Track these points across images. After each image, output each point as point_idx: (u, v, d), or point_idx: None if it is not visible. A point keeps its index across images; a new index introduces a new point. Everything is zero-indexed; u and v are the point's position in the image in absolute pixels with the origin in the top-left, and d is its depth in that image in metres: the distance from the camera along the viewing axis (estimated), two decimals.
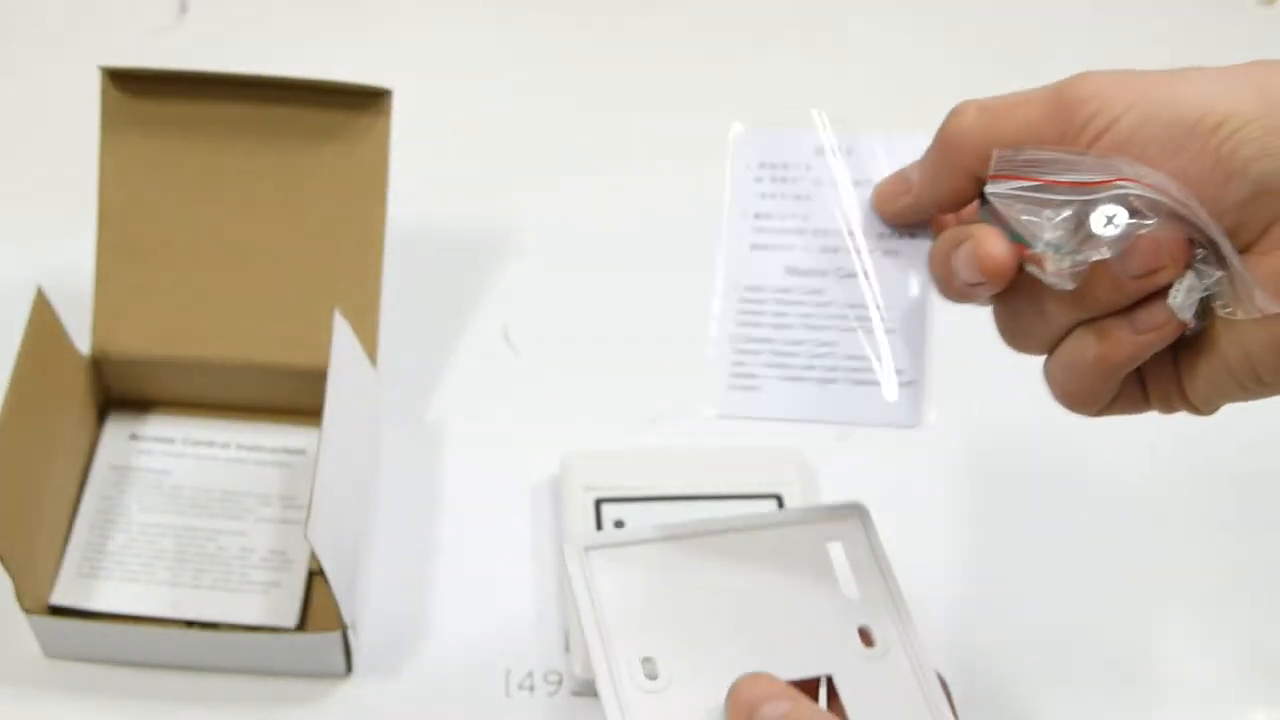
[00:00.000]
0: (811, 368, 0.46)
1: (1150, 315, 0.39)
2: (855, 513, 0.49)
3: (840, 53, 0.87)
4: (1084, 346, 0.41)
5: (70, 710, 0.60)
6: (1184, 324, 0.39)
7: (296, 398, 0.66)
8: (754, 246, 0.48)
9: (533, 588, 0.64)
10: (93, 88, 0.63)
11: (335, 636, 0.58)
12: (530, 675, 0.62)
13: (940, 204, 0.44)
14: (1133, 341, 0.40)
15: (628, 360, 0.72)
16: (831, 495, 0.67)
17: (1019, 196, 0.40)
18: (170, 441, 0.67)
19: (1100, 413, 0.43)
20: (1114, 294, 0.39)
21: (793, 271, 0.47)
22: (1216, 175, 0.36)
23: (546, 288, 0.75)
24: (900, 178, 0.45)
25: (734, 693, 0.44)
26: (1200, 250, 0.38)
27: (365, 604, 0.63)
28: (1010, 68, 0.87)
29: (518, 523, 0.67)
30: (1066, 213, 0.39)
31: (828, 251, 0.47)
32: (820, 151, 0.48)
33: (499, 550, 0.66)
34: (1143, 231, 0.37)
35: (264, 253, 0.65)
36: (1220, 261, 0.37)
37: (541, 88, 0.83)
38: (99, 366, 0.65)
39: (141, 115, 0.64)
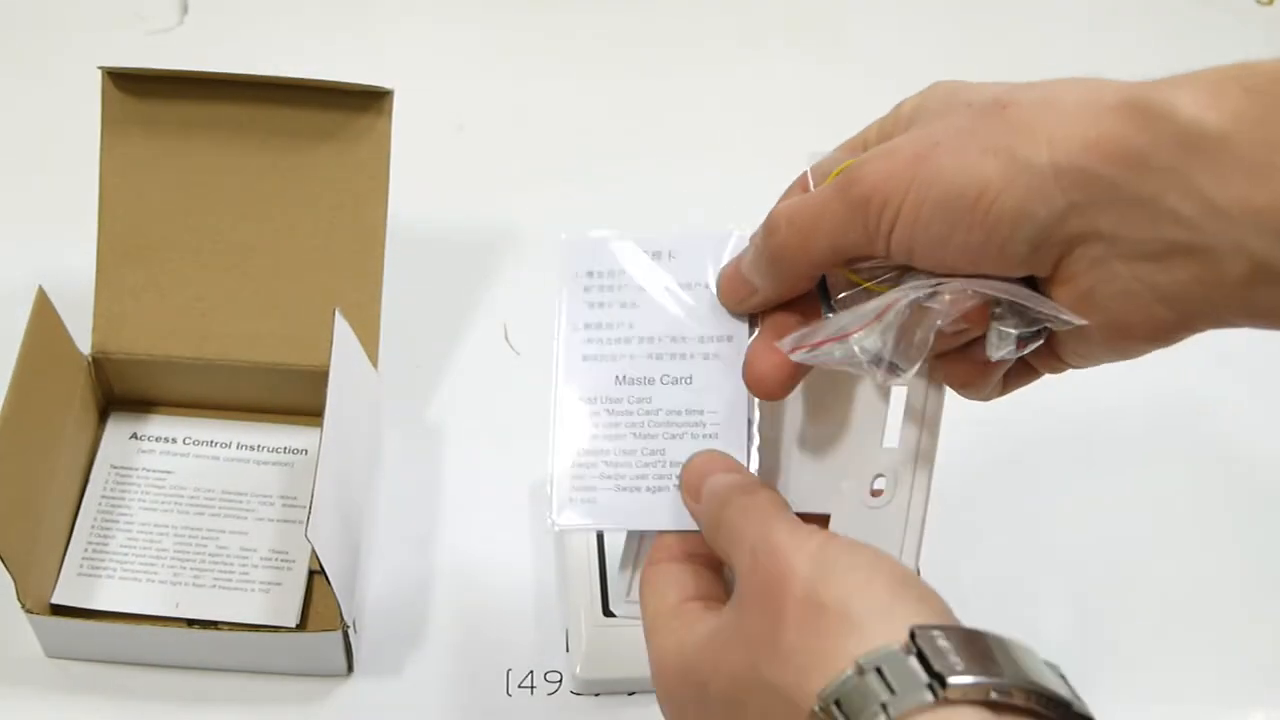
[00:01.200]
0: (643, 476, 0.47)
1: (983, 353, 0.43)
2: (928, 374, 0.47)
3: (838, 53, 0.87)
4: (952, 371, 0.46)
5: (71, 710, 0.60)
6: (1006, 360, 0.43)
7: (297, 398, 0.66)
8: (585, 357, 0.48)
9: (533, 587, 0.64)
10: (93, 88, 0.63)
11: (336, 636, 0.59)
12: (530, 675, 0.62)
13: (787, 298, 0.46)
14: (981, 370, 0.45)
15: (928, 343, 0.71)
16: None
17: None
18: (171, 441, 0.67)
19: (1000, 395, 0.47)
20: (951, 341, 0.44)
21: (621, 380, 0.48)
22: (993, 244, 0.40)
23: (546, 288, 0.75)
24: (742, 281, 0.47)
25: (688, 465, 0.46)
26: (997, 308, 0.42)
27: (365, 603, 0.63)
28: (1009, 68, 0.87)
29: (518, 522, 0.67)
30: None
31: (654, 359, 0.48)
32: (644, 256, 0.49)
33: (499, 550, 0.66)
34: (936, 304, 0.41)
35: (264, 253, 0.65)
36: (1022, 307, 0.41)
37: (541, 88, 0.83)
38: (100, 366, 0.65)
39: (142, 116, 0.64)
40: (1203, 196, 0.37)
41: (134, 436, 0.67)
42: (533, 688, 0.62)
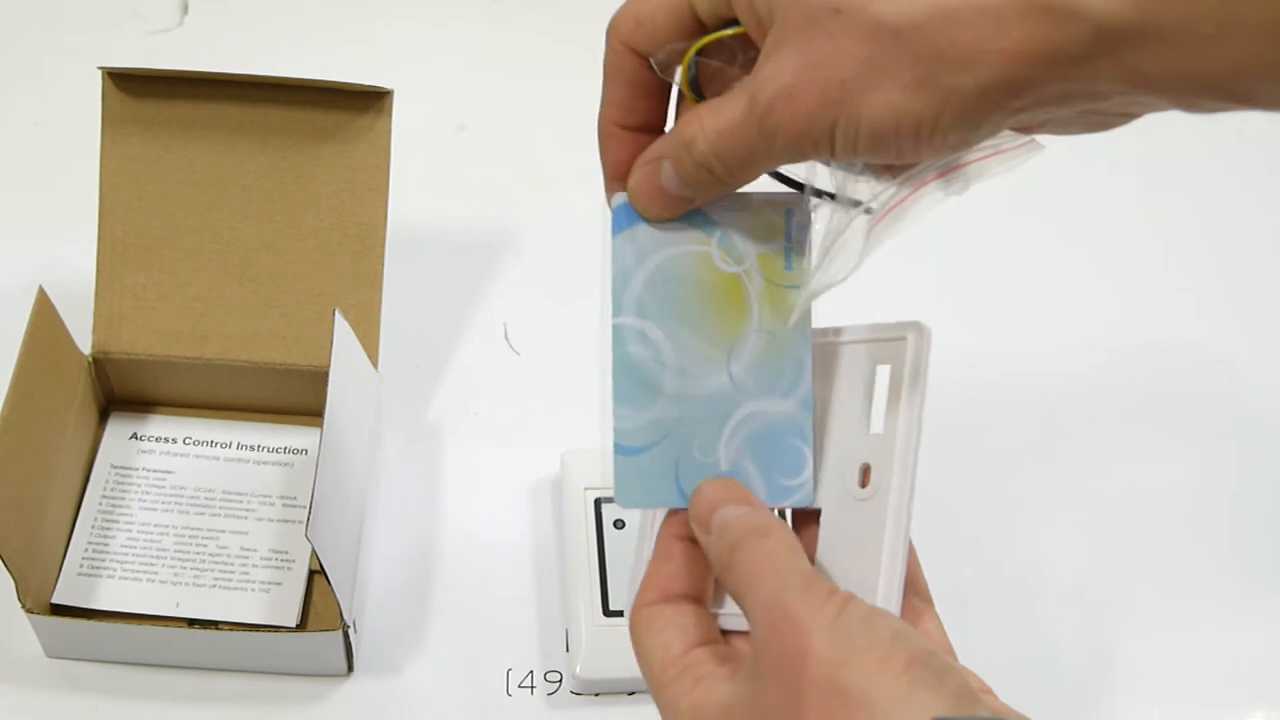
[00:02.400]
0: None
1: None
2: (912, 331, 0.45)
3: None
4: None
5: (72, 710, 0.60)
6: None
7: (297, 398, 0.66)
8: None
9: (533, 587, 0.64)
10: (94, 88, 0.63)
11: (336, 636, 0.59)
12: (530, 675, 0.62)
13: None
14: None
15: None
16: None
17: None
18: (171, 441, 0.67)
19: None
20: None
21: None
22: (938, 153, 0.43)
23: (546, 288, 0.75)
24: (672, 197, 0.47)
25: (697, 492, 0.45)
26: None
27: (365, 603, 0.63)
28: None
29: (518, 522, 0.67)
30: None
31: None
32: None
33: (499, 550, 0.66)
34: None
35: (264, 253, 0.65)
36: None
37: (541, 88, 0.83)
38: (100, 366, 0.65)
39: (142, 116, 0.64)
40: (1131, 74, 0.38)
41: (134, 436, 0.67)
42: (533, 688, 0.62)
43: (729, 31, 0.44)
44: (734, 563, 0.42)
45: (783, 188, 0.47)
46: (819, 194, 0.47)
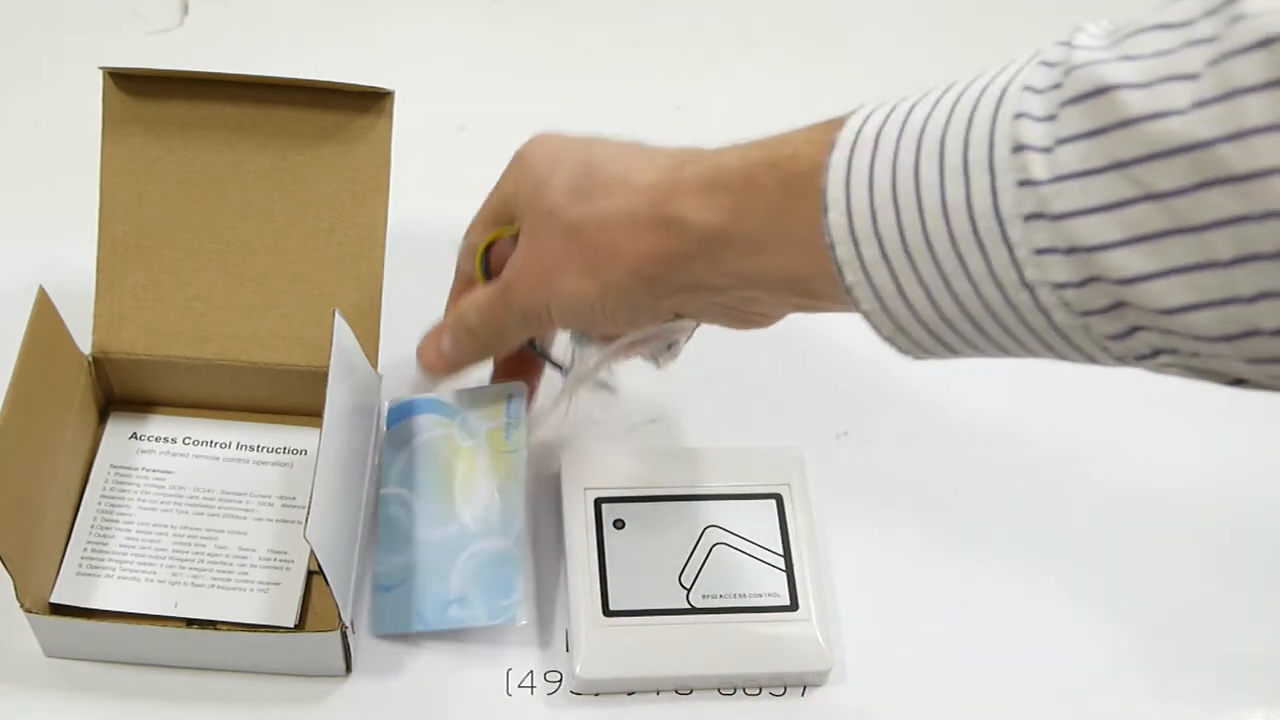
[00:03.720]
0: None
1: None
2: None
3: (837, 54, 0.87)
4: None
5: (70, 710, 0.60)
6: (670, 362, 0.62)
7: (296, 398, 0.66)
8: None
9: (533, 587, 0.64)
10: (94, 88, 0.63)
11: (334, 636, 0.59)
12: (530, 675, 0.62)
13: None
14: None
15: (627, 359, 0.72)
16: (831, 495, 0.67)
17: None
18: (171, 441, 0.67)
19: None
20: None
21: None
22: (620, 324, 0.57)
23: None
24: (447, 358, 0.63)
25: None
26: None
27: (364, 604, 0.63)
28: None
29: None
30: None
31: None
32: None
33: None
34: None
35: (264, 253, 0.65)
36: None
37: (541, 88, 0.84)
38: (100, 366, 0.65)
39: (143, 116, 0.64)
40: (730, 272, 0.50)
41: (134, 436, 0.67)
42: (533, 688, 0.62)
43: (507, 231, 0.60)
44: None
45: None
46: (553, 363, 0.64)
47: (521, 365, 0.65)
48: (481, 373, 0.69)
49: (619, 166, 0.54)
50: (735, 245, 0.49)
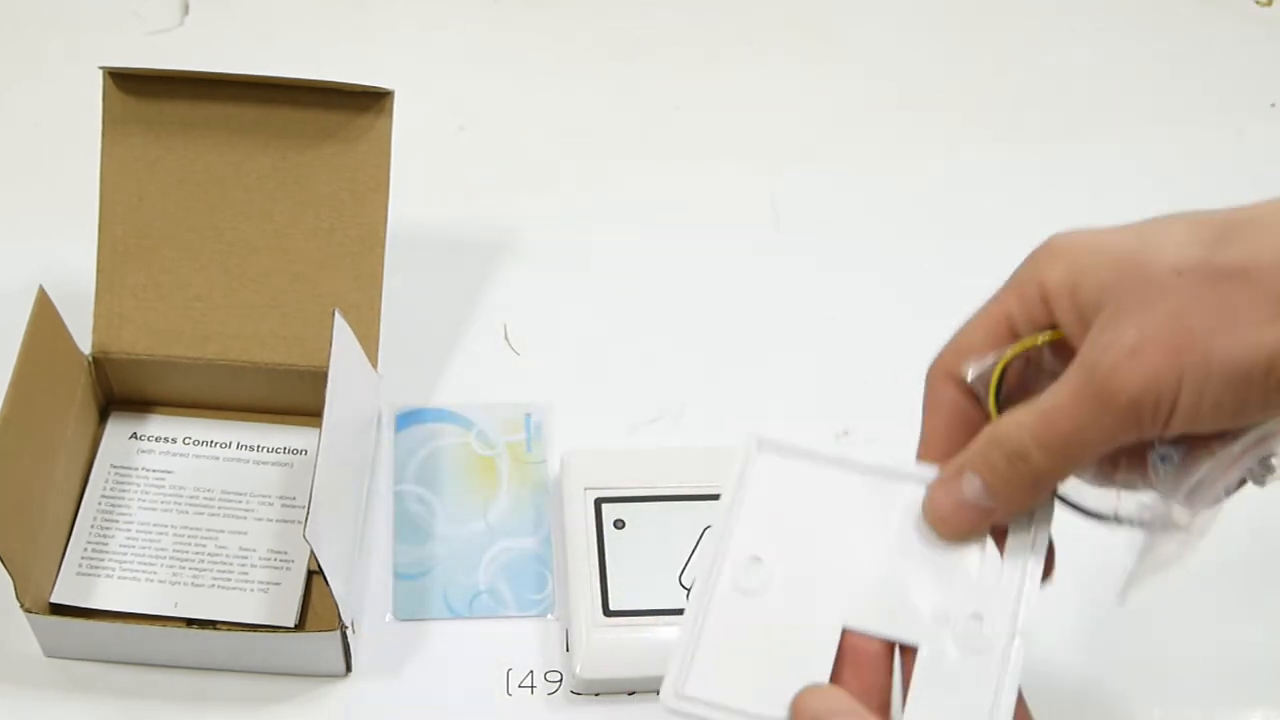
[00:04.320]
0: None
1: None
2: (1049, 502, 0.47)
3: (838, 54, 0.87)
4: None
5: (70, 710, 0.60)
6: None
7: (296, 398, 0.66)
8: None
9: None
10: (94, 88, 0.63)
11: (334, 636, 0.59)
12: (530, 675, 0.62)
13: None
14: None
15: (628, 360, 0.72)
16: None
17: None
18: (171, 441, 0.67)
19: None
20: None
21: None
22: None
23: (546, 288, 0.75)
24: (977, 511, 0.45)
25: (798, 701, 0.43)
26: None
27: (364, 603, 0.63)
28: (1009, 70, 0.87)
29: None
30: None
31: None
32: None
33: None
34: None
35: (264, 253, 0.65)
36: None
37: (541, 88, 0.83)
38: (100, 366, 0.65)
39: (143, 116, 0.64)
40: None
41: (134, 436, 0.67)
42: (533, 688, 0.62)
43: (1042, 338, 0.44)
44: None
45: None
46: (1092, 514, 0.47)
47: None
48: (494, 389, 0.69)
49: (1245, 215, 0.42)
50: None
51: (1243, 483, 0.44)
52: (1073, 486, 0.46)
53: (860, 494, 0.47)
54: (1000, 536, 0.46)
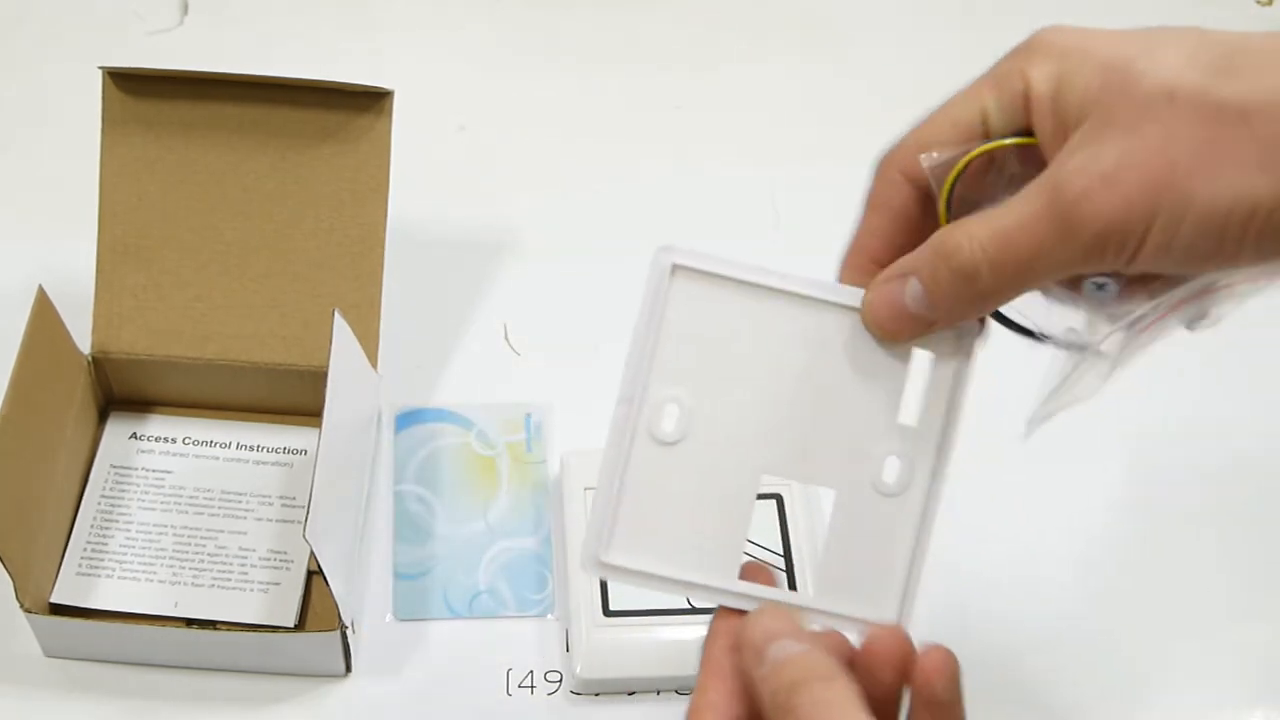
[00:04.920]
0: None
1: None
2: (969, 333, 0.44)
3: (840, 54, 0.87)
4: None
5: (70, 709, 0.60)
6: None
7: (296, 398, 0.66)
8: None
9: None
10: (94, 88, 0.63)
11: (334, 636, 0.59)
12: (530, 675, 0.62)
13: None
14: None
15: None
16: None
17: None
18: (171, 441, 0.67)
19: None
20: None
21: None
22: (1264, 251, 0.38)
23: (546, 288, 0.75)
24: (913, 318, 0.43)
25: (748, 622, 0.42)
26: None
27: (364, 603, 0.63)
28: None
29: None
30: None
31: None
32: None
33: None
34: None
35: (264, 253, 0.65)
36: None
37: (541, 88, 0.83)
38: (100, 366, 0.65)
39: (143, 116, 0.64)
40: None
41: (134, 436, 0.67)
42: (533, 688, 0.62)
43: (1011, 140, 0.41)
44: (794, 705, 0.39)
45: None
46: (1028, 333, 0.44)
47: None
48: (494, 389, 0.70)
49: (1254, 44, 0.39)
50: None
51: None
52: None
53: (781, 322, 0.44)
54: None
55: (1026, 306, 0.42)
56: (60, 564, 0.62)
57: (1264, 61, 0.38)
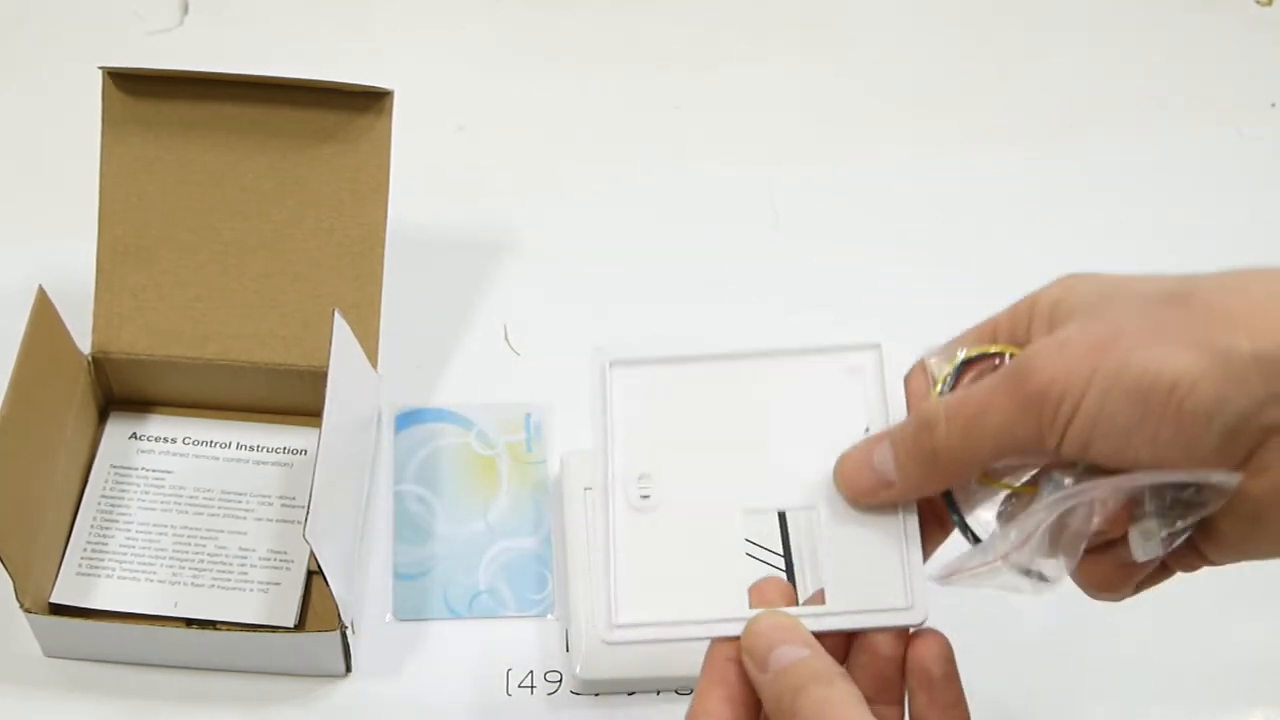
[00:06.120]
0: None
1: (1126, 553, 0.43)
2: (874, 350, 0.48)
3: (841, 55, 0.87)
4: (1089, 573, 0.45)
5: (70, 709, 0.60)
6: (1154, 559, 0.43)
7: (296, 398, 0.66)
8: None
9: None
10: (94, 88, 0.63)
11: (334, 636, 0.59)
12: (530, 675, 0.62)
13: (925, 495, 0.46)
14: (1121, 573, 0.45)
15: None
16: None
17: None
18: (171, 441, 0.67)
19: (1132, 595, 0.47)
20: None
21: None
22: (1184, 435, 0.39)
23: (546, 288, 0.75)
24: (876, 475, 0.45)
25: (750, 631, 0.43)
26: (1138, 509, 0.42)
27: (364, 603, 0.63)
28: (1009, 72, 0.87)
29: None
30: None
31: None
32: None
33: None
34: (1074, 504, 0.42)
35: (264, 253, 0.65)
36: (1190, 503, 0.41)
37: (541, 88, 0.83)
38: (100, 366, 0.65)
39: (142, 116, 0.64)
40: None
41: (134, 436, 0.67)
42: (533, 688, 0.62)
43: (999, 348, 0.45)
44: (797, 707, 0.41)
45: None
46: (966, 530, 0.46)
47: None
48: (494, 389, 0.69)
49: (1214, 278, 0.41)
50: None
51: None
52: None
53: (720, 383, 0.48)
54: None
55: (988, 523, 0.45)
56: (60, 564, 0.62)
57: (1218, 277, 0.40)
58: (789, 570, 0.63)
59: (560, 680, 0.62)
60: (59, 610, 0.61)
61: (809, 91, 0.85)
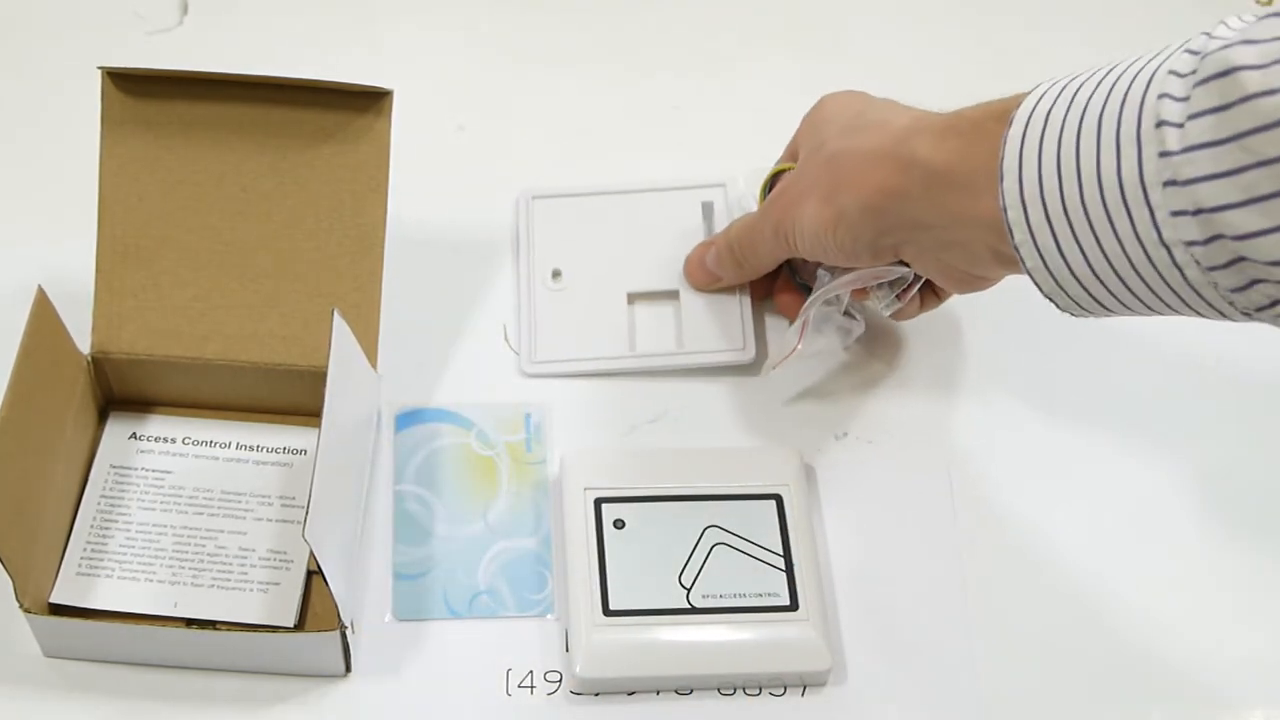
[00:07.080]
0: None
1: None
2: (721, 186, 0.75)
3: (838, 54, 0.87)
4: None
5: (70, 710, 0.60)
6: (896, 308, 0.65)
7: (296, 398, 0.66)
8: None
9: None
10: (93, 88, 0.63)
11: (334, 636, 0.59)
12: (530, 675, 0.62)
13: (748, 281, 0.72)
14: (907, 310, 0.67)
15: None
16: (832, 495, 0.67)
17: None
18: (170, 441, 0.67)
19: (918, 313, 0.68)
20: None
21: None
22: (847, 255, 0.62)
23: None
24: (709, 273, 0.71)
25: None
26: (879, 281, 0.64)
27: (364, 603, 0.63)
28: (1008, 71, 0.87)
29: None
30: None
31: None
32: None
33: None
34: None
35: (264, 253, 0.65)
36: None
37: (541, 88, 0.83)
38: (99, 366, 0.65)
39: (142, 116, 0.64)
40: (946, 210, 0.55)
41: (133, 436, 0.67)
42: (533, 688, 0.62)
43: (780, 167, 0.70)
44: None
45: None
46: (801, 285, 0.70)
47: (768, 290, 0.72)
48: (494, 389, 0.70)
49: (885, 114, 0.60)
50: (956, 185, 0.54)
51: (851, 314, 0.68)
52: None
53: (611, 208, 0.75)
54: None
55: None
56: (60, 564, 0.62)
57: (869, 126, 0.60)
58: (789, 570, 0.63)
59: (560, 680, 0.62)
60: (59, 610, 0.61)
61: (809, 91, 0.85)
